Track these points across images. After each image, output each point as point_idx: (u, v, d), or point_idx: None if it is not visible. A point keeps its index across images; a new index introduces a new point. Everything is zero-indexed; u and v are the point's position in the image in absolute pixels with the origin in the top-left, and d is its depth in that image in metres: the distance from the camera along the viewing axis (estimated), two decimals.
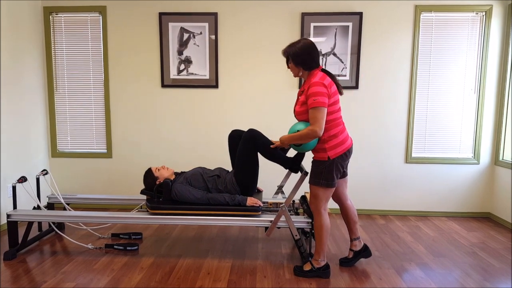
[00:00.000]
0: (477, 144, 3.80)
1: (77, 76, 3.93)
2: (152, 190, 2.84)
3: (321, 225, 2.40)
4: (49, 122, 3.98)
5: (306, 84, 2.29)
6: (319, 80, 2.20)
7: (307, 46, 2.26)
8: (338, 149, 2.30)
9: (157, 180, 2.84)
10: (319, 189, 2.35)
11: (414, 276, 2.53)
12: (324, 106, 2.17)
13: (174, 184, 2.73)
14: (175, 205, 2.69)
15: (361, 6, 3.70)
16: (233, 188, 2.75)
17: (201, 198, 2.68)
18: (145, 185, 2.88)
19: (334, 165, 2.30)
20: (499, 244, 3.13)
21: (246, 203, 2.66)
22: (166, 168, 2.90)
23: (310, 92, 2.19)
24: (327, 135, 2.29)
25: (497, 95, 3.75)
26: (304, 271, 2.47)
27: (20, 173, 3.55)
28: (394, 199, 3.93)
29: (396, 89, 3.78)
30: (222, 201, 2.66)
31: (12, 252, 2.72)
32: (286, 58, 2.37)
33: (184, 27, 3.78)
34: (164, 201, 2.74)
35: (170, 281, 2.42)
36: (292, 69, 2.36)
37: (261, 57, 3.81)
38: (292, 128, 2.31)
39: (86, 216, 2.74)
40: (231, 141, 2.90)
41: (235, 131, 2.89)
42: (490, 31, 3.66)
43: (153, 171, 2.86)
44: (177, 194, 2.69)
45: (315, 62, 2.29)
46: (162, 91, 3.90)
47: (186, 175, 2.81)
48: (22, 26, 3.54)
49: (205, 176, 2.81)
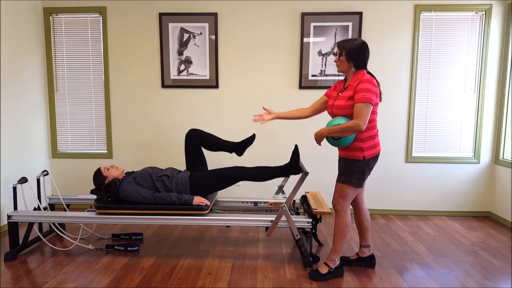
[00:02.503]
0: (477, 143, 3.80)
1: (77, 77, 3.93)
2: (101, 190, 2.85)
3: (345, 225, 2.40)
4: (49, 122, 3.98)
5: (353, 80, 2.30)
6: (369, 78, 2.23)
7: (364, 45, 2.29)
8: (373, 151, 2.33)
9: (106, 180, 2.85)
10: (349, 188, 2.35)
11: (415, 276, 2.53)
12: (372, 103, 2.19)
13: (121, 183, 2.74)
14: (121, 205, 2.71)
15: (361, 5, 3.70)
16: (184, 187, 2.77)
17: (148, 198, 2.69)
18: (94, 184, 2.90)
19: (367, 165, 2.33)
20: (500, 243, 3.13)
21: (193, 202, 2.67)
22: (116, 167, 2.92)
23: (360, 88, 2.21)
24: (366, 135, 2.31)
25: (497, 94, 3.75)
26: (322, 275, 2.44)
27: (21, 174, 3.55)
28: (394, 199, 3.94)
29: (396, 88, 3.78)
30: (169, 200, 2.68)
31: (13, 253, 2.72)
32: (339, 51, 2.35)
33: (184, 28, 3.78)
34: (112, 201, 2.75)
35: (171, 281, 2.42)
36: (341, 63, 2.35)
37: (261, 57, 3.81)
38: (332, 122, 2.29)
39: (87, 216, 2.75)
40: (188, 140, 2.92)
41: (193, 131, 2.92)
42: (490, 30, 3.66)
43: (102, 170, 2.88)
44: (124, 193, 2.70)
45: (365, 63, 2.33)
46: (163, 92, 3.90)
47: (134, 175, 2.83)
48: (22, 27, 3.54)
49: (154, 175, 2.82)
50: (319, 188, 3.95)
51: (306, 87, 3.80)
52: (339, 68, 2.38)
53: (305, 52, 3.75)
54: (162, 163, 3.98)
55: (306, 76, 3.79)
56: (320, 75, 3.78)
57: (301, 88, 3.81)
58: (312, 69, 3.77)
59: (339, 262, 2.48)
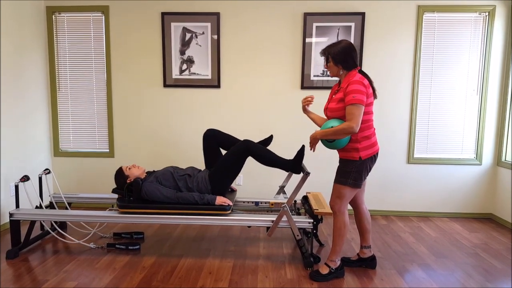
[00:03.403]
0: (479, 145, 3.79)
1: (79, 76, 3.93)
2: (123, 189, 2.86)
3: (343, 225, 2.41)
4: (51, 121, 3.99)
5: (345, 82, 2.32)
6: (359, 79, 2.25)
7: (348, 47, 2.31)
8: (369, 151, 2.34)
9: (128, 179, 2.85)
10: (346, 188, 2.36)
11: (416, 277, 2.52)
12: (362, 104, 2.21)
13: (144, 183, 2.74)
14: (144, 204, 2.71)
15: (363, 6, 3.69)
16: (205, 186, 2.77)
17: (171, 197, 2.69)
18: (116, 184, 2.91)
19: (364, 165, 2.33)
20: (501, 245, 3.13)
21: (215, 202, 2.67)
22: (137, 166, 2.92)
23: (350, 90, 2.23)
24: (361, 136, 2.32)
25: (499, 96, 3.74)
26: (323, 275, 2.45)
27: (23, 172, 3.56)
28: (396, 200, 3.93)
29: (398, 89, 3.77)
30: (191, 200, 2.67)
31: (15, 251, 2.73)
32: (325, 58, 2.38)
33: (186, 27, 3.79)
34: (134, 200, 2.75)
35: (171, 280, 2.42)
36: (330, 68, 2.39)
37: (263, 57, 3.81)
38: (326, 125, 2.31)
39: (88, 215, 2.75)
40: (206, 140, 2.93)
41: (210, 131, 2.93)
42: (493, 31, 3.65)
43: (123, 170, 2.88)
44: (146, 193, 2.70)
45: (354, 63, 2.34)
46: (164, 91, 3.90)
47: (156, 174, 2.83)
48: (24, 26, 3.55)
49: (175, 175, 2.82)
50: (321, 189, 3.95)
51: (308, 88, 3.80)
52: (330, 73, 2.41)
53: (307, 52, 3.75)
54: (163, 162, 3.98)
55: (308, 77, 3.78)
56: (322, 75, 3.77)
57: (303, 88, 3.81)
58: (314, 69, 3.77)
59: (339, 263, 2.48)
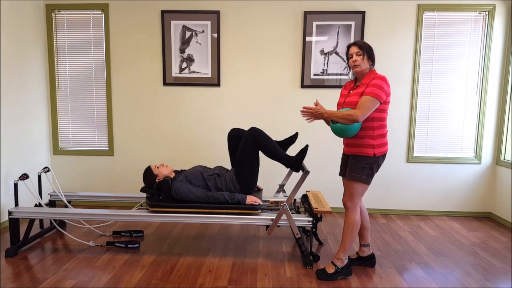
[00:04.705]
0: (478, 144, 3.79)
1: (79, 74, 3.93)
2: (152, 188, 2.85)
3: (355, 222, 2.40)
4: (51, 119, 3.98)
5: (367, 79, 2.33)
6: (384, 77, 2.28)
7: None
8: (382, 149, 2.36)
9: (157, 178, 2.84)
10: (359, 184, 2.36)
11: (415, 276, 2.53)
12: (379, 99, 2.22)
13: (174, 182, 2.73)
14: (174, 203, 2.69)
15: (363, 5, 3.69)
16: (233, 186, 2.75)
17: (201, 196, 2.68)
18: (144, 183, 2.88)
19: (376, 163, 2.35)
20: (500, 244, 3.13)
21: (246, 201, 2.66)
22: (166, 166, 2.90)
23: (373, 83, 2.25)
24: (378, 133, 2.33)
25: (499, 95, 3.74)
26: (329, 274, 2.43)
27: (22, 171, 3.56)
28: (395, 199, 3.93)
29: (398, 88, 3.77)
30: (222, 199, 2.66)
31: (14, 249, 2.73)
32: (361, 51, 2.34)
33: (186, 25, 3.78)
34: (164, 199, 2.74)
35: (171, 279, 2.42)
36: (363, 63, 2.35)
37: (263, 56, 3.80)
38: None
39: (88, 213, 2.75)
40: (230, 141, 2.92)
41: (234, 130, 2.91)
42: (493, 30, 3.65)
43: (152, 169, 2.86)
44: (176, 192, 2.69)
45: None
46: (164, 89, 3.90)
47: (186, 173, 2.81)
48: (24, 24, 3.54)
49: (205, 174, 2.81)
50: (320, 187, 3.95)
51: (308, 86, 3.80)
52: (359, 68, 2.34)
53: (307, 51, 3.75)
54: (162, 160, 3.98)
55: (308, 75, 3.78)
56: (322, 74, 3.77)
57: (303, 87, 3.81)
58: (314, 68, 3.77)
59: (347, 262, 2.46)
